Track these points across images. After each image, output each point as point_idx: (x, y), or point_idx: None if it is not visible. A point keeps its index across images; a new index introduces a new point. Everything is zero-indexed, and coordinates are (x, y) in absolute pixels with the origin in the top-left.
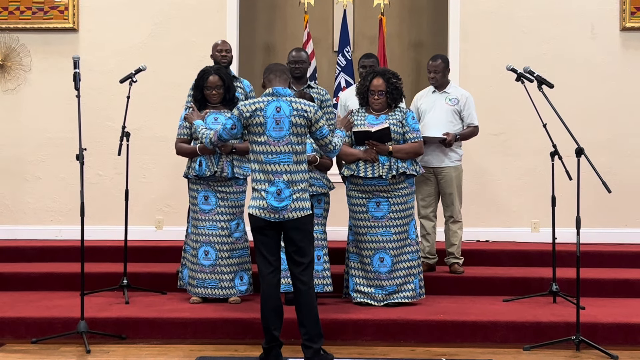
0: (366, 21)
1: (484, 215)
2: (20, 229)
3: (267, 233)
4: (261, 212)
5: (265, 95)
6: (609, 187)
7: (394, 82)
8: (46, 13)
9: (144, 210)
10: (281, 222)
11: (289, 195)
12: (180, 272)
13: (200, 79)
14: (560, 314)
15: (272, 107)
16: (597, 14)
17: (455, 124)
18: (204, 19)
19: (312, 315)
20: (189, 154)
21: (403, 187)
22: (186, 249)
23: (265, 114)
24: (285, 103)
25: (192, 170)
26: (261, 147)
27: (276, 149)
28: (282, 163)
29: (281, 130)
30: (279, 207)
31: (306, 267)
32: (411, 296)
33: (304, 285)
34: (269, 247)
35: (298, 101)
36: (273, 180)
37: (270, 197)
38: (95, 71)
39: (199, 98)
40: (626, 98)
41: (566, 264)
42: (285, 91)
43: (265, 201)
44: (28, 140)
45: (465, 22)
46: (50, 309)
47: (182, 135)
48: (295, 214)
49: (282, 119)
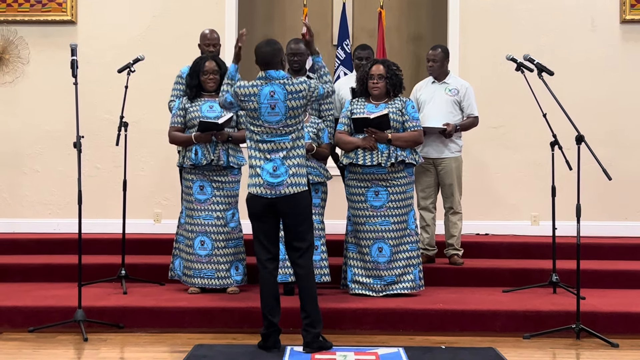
0: (365, 14)
1: (483, 208)
2: (18, 222)
3: (264, 219)
4: (257, 190)
5: (259, 78)
6: (610, 175)
7: (393, 69)
8: (44, 5)
9: (142, 203)
10: (278, 200)
11: (284, 171)
12: (172, 262)
13: (197, 65)
14: (560, 303)
15: (265, 92)
16: (597, 7)
17: (455, 114)
18: (203, 11)
19: (312, 299)
20: (184, 143)
21: (402, 176)
22: (178, 239)
23: (259, 100)
24: (279, 86)
25: (187, 159)
26: (257, 128)
27: (272, 131)
28: (278, 141)
29: (277, 115)
30: (274, 183)
31: (305, 252)
32: (410, 287)
33: (302, 270)
34: (266, 234)
35: (291, 82)
36: (270, 157)
37: (266, 173)
38: (93, 64)
39: (194, 85)
40: (626, 91)
41: (566, 256)
42: (278, 74)
43: (261, 178)
44: (26, 133)
45: (465, 15)
46: (47, 299)
47: (175, 123)
48: (291, 189)
49: (277, 104)
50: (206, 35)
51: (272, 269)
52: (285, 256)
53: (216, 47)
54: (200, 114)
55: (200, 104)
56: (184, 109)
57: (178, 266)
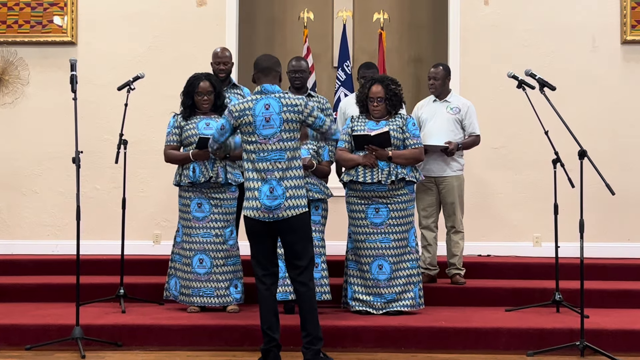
0: (366, 36)
1: (485, 229)
2: (17, 243)
3: (262, 239)
4: (255, 213)
5: (255, 93)
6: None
7: (392, 89)
8: (44, 27)
9: (141, 224)
10: (276, 222)
11: (281, 193)
12: (167, 282)
13: (191, 85)
14: (564, 321)
15: (260, 105)
16: (597, 27)
17: (456, 133)
18: (204, 32)
19: (313, 316)
20: (181, 161)
21: (402, 193)
22: (174, 258)
23: (254, 113)
24: (274, 100)
25: (184, 177)
26: (252, 146)
27: (267, 147)
28: (273, 161)
29: (271, 127)
30: (272, 207)
31: (305, 269)
32: (411, 305)
33: (303, 287)
34: (263, 252)
35: (287, 96)
36: (266, 178)
37: (263, 196)
38: (93, 84)
39: (188, 104)
40: (627, 111)
41: (569, 276)
42: (273, 88)
43: (258, 201)
44: (25, 154)
45: (466, 36)
46: (44, 317)
47: (171, 142)
48: (289, 212)
49: (271, 116)
50: (217, 54)
51: (270, 285)
52: (285, 274)
53: (227, 65)
54: (197, 131)
55: (197, 122)
56: (180, 127)
57: (174, 286)
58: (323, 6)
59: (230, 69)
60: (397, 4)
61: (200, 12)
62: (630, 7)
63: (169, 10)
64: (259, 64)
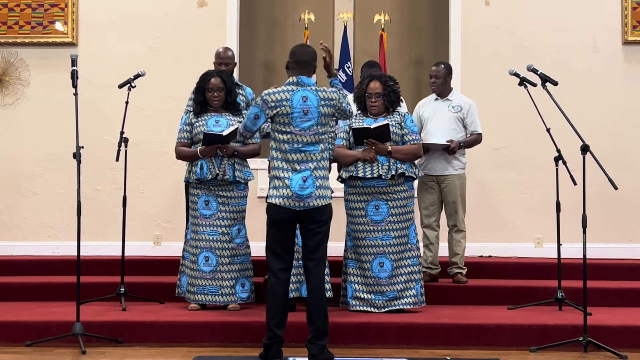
0: (367, 38)
1: (486, 230)
2: (17, 245)
3: (285, 228)
4: (285, 201)
5: (290, 84)
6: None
7: (390, 85)
8: (45, 27)
9: (142, 225)
10: (302, 212)
11: (312, 182)
12: (179, 279)
13: (202, 81)
14: (567, 318)
15: (298, 97)
16: (599, 28)
17: (458, 131)
18: (204, 33)
19: (322, 310)
20: (190, 158)
21: (402, 189)
22: (185, 255)
23: (291, 104)
24: (312, 93)
25: (193, 174)
26: (287, 136)
27: (303, 139)
28: (308, 152)
29: (309, 120)
30: (303, 195)
31: (319, 262)
32: (413, 302)
33: (315, 280)
34: (283, 243)
35: (323, 90)
36: (298, 169)
37: (295, 184)
38: (94, 85)
39: (200, 101)
40: (629, 111)
41: (571, 276)
42: (309, 81)
43: (289, 189)
44: (25, 155)
45: (467, 37)
46: (45, 314)
47: (182, 139)
48: (319, 202)
49: (310, 109)
50: (219, 54)
51: (284, 280)
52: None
53: (229, 65)
54: (206, 128)
55: (207, 119)
56: (191, 124)
57: (184, 283)
58: (324, 8)
59: (233, 69)
60: (398, 6)
61: (201, 13)
62: (632, 7)
63: (169, 12)
64: (297, 56)
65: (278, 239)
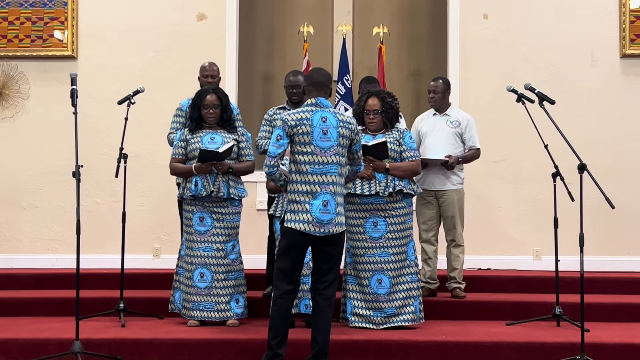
0: (366, 50)
1: (485, 243)
2: (17, 257)
3: (300, 251)
4: (305, 227)
5: (309, 105)
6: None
7: (389, 102)
8: (45, 41)
9: (141, 238)
10: (319, 237)
11: (334, 207)
12: (172, 295)
13: (198, 98)
14: (564, 335)
15: (317, 117)
16: (597, 42)
17: (456, 146)
18: (203, 46)
19: (326, 330)
20: (184, 174)
21: (400, 206)
22: (179, 271)
23: (312, 123)
24: (331, 114)
25: (187, 190)
26: (307, 157)
27: (323, 159)
28: (328, 174)
29: (329, 140)
30: (324, 221)
31: (331, 283)
32: (411, 319)
33: (325, 301)
34: (295, 265)
35: (341, 113)
36: (319, 191)
37: (316, 209)
38: (93, 99)
39: (195, 117)
40: (627, 124)
41: (569, 290)
42: (328, 102)
43: (310, 214)
44: (25, 168)
45: (465, 50)
46: (44, 331)
47: (177, 154)
48: (337, 229)
49: (329, 129)
50: (205, 68)
51: (289, 301)
52: None
53: (215, 78)
54: (201, 145)
55: (202, 136)
56: (185, 140)
57: (178, 299)
58: (323, 20)
59: (218, 82)
60: (397, 18)
61: (201, 27)
62: (629, 21)
63: (169, 25)
64: (315, 78)
65: (291, 262)
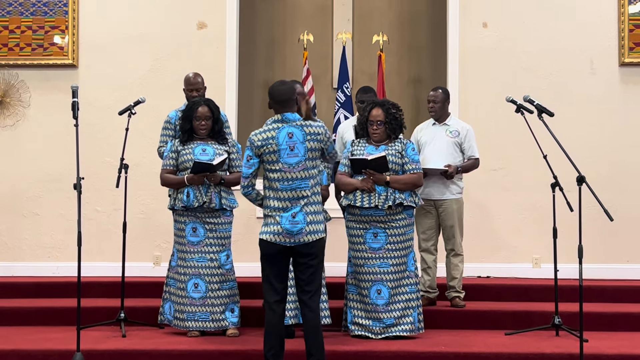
0: (365, 58)
1: (484, 250)
2: (18, 265)
3: (278, 262)
4: (275, 237)
5: (275, 122)
6: (611, 216)
7: (393, 113)
8: (46, 49)
9: (141, 246)
10: (292, 247)
11: (302, 218)
12: (162, 306)
13: (190, 110)
14: (564, 345)
15: (283, 134)
16: (596, 50)
17: (455, 156)
18: (204, 54)
19: (319, 341)
20: (176, 185)
21: (401, 218)
22: (169, 282)
23: (277, 142)
24: (297, 128)
25: (178, 201)
26: (276, 174)
27: (292, 175)
28: (298, 189)
29: (296, 156)
30: (294, 231)
31: (314, 294)
32: (410, 329)
33: (311, 313)
34: (277, 275)
35: (308, 124)
36: (289, 206)
37: (285, 221)
38: (94, 107)
39: (187, 129)
40: (626, 133)
41: (568, 298)
42: (294, 116)
43: (279, 226)
44: (26, 176)
45: (465, 58)
46: (45, 342)
47: (168, 165)
48: (310, 237)
49: (296, 145)
50: (189, 80)
51: (279, 312)
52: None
53: (199, 91)
54: (193, 156)
55: (193, 147)
56: (176, 152)
57: (168, 310)
58: (323, 28)
59: (203, 94)
60: (397, 26)
61: (201, 35)
62: (628, 29)
63: (169, 33)
64: (275, 96)
65: (271, 272)
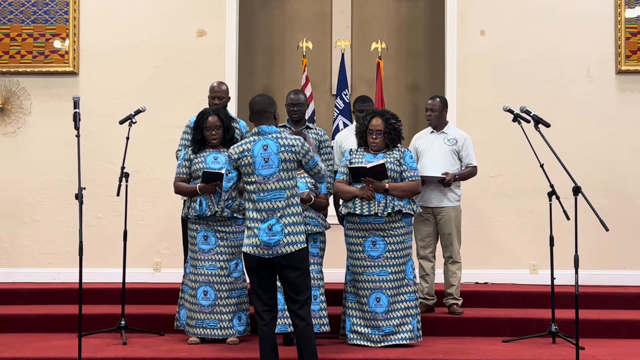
0: (364, 65)
1: (482, 257)
2: (18, 271)
3: (261, 273)
4: (254, 250)
5: (252, 135)
6: (607, 226)
7: (392, 123)
8: (46, 57)
9: (142, 252)
10: (275, 258)
11: (280, 230)
12: (178, 312)
13: (200, 120)
14: (560, 353)
15: (259, 146)
16: (593, 57)
17: (453, 164)
18: (204, 62)
19: (311, 351)
20: (189, 193)
21: (400, 226)
22: (184, 289)
23: (252, 154)
24: (272, 140)
25: (192, 210)
26: (252, 186)
27: (267, 186)
28: (274, 200)
29: (270, 167)
30: (271, 243)
31: (303, 304)
32: (409, 337)
33: (302, 322)
34: (262, 286)
35: (284, 137)
36: (266, 217)
37: (262, 233)
38: (94, 114)
39: (198, 139)
40: (623, 140)
41: (565, 305)
42: (270, 129)
43: (257, 238)
44: (27, 183)
45: (462, 65)
46: (47, 350)
47: (181, 174)
48: (288, 249)
49: (270, 157)
50: (213, 88)
51: (269, 321)
52: (284, 306)
53: (222, 100)
54: (205, 165)
55: (205, 156)
56: (189, 160)
57: (183, 316)
58: (322, 36)
59: (226, 103)
60: (395, 34)
61: (201, 43)
62: (625, 37)
63: (169, 41)
64: (252, 107)
65: (256, 283)
